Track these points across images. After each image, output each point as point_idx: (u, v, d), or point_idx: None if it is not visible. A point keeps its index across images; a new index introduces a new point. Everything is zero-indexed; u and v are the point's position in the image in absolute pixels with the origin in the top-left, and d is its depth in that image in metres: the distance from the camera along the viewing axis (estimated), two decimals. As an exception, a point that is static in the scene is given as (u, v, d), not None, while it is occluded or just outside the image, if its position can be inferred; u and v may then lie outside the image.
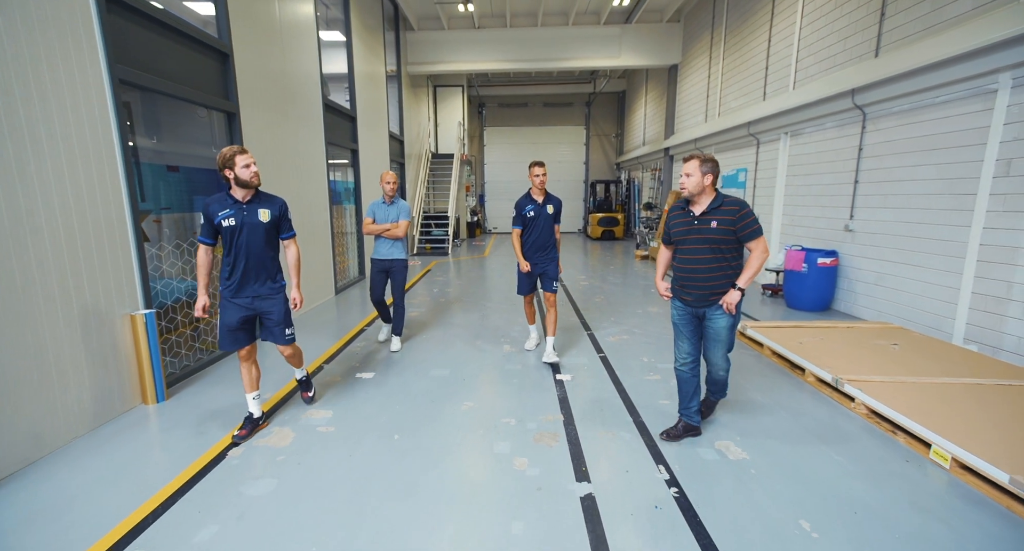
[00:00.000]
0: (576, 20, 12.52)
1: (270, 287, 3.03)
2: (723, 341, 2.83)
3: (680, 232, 2.85)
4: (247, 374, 3.11)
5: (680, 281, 2.90)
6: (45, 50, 2.89)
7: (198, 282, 2.97)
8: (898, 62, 5.07)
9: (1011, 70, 4.06)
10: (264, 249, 2.97)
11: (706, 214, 2.74)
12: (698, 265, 2.78)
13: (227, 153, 2.81)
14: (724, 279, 2.77)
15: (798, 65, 7.34)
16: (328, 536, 2.21)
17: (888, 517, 2.31)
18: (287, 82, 5.96)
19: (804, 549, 2.11)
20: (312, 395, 3.58)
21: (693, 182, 2.71)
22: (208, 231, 2.90)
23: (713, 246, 2.74)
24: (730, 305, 2.72)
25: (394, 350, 4.74)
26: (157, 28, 3.87)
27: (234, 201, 2.89)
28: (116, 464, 2.80)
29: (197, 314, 2.91)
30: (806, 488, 2.54)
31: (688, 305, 2.89)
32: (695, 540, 2.17)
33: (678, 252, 2.90)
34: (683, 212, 2.85)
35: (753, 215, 2.71)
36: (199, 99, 4.32)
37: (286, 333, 3.13)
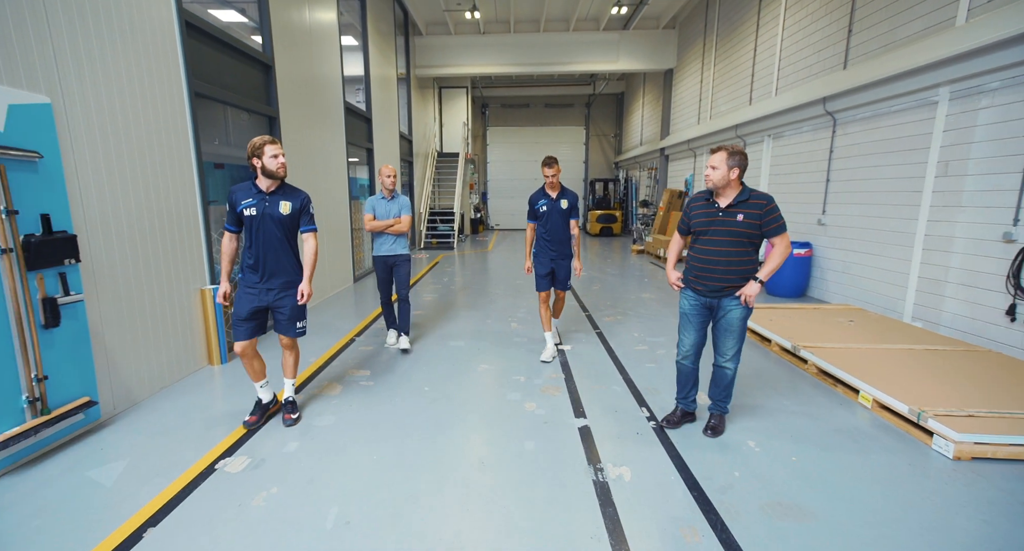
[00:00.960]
0: (577, 26, 13.17)
1: (285, 281, 2.99)
2: (735, 332, 2.83)
3: (702, 222, 2.81)
4: (250, 368, 3.09)
5: (696, 271, 2.87)
6: (146, 71, 3.55)
7: (221, 268, 2.99)
8: (862, 74, 5.74)
9: (949, 85, 4.73)
10: (282, 241, 2.94)
11: (732, 207, 2.70)
12: (718, 257, 2.76)
13: (257, 142, 2.80)
14: (742, 272, 2.76)
15: (780, 73, 8.01)
16: (383, 449, 2.89)
17: (818, 439, 2.99)
18: (315, 86, 6.62)
19: (749, 458, 2.78)
20: (296, 417, 3.17)
21: (719, 175, 2.66)
22: (232, 219, 2.92)
23: (736, 239, 2.71)
24: (749, 297, 2.72)
25: (404, 348, 4.63)
26: (219, 46, 4.54)
27: (258, 191, 2.88)
28: (211, 403, 3.48)
29: (219, 301, 2.99)
30: (757, 421, 3.22)
31: (701, 295, 2.88)
32: (664, 451, 2.85)
33: (696, 242, 2.88)
34: (707, 203, 2.80)
35: (779, 210, 2.69)
36: (248, 106, 4.98)
37: (297, 326, 3.09)
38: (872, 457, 2.80)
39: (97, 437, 3.02)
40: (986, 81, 4.38)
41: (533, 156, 20.00)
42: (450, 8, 11.87)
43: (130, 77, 3.41)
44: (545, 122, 20.22)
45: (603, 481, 2.57)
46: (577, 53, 13.25)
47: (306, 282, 3.03)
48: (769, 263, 2.70)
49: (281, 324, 3.07)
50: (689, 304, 2.94)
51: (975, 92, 4.51)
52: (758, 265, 2.77)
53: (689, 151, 11.95)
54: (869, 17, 5.92)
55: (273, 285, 2.97)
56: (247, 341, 2.99)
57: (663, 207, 12.29)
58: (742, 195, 2.69)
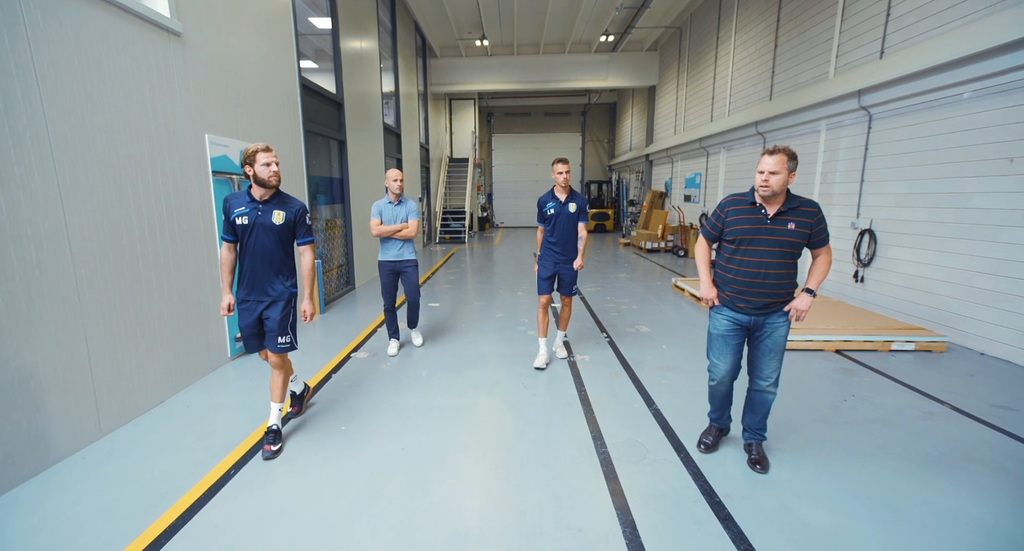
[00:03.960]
0: (571, 49, 15.15)
1: (276, 291, 2.85)
2: (780, 351, 2.56)
3: (746, 231, 2.48)
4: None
5: (737, 287, 2.54)
6: (284, 118, 5.55)
7: (222, 280, 2.86)
8: (779, 106, 7.71)
9: (826, 119, 6.70)
10: (274, 252, 2.79)
11: (782, 214, 2.42)
12: (767, 270, 2.46)
13: (251, 149, 2.69)
14: (788, 286, 2.51)
15: (731, 98, 9.99)
16: (442, 371, 4.87)
17: (698, 336, 4.96)
18: (365, 113, 8.58)
19: (648, 347, 4.75)
20: (277, 450, 2.86)
21: (779, 181, 2.34)
22: (227, 228, 2.81)
23: (785, 250, 2.44)
24: (803, 312, 2.47)
25: (417, 344, 4.81)
26: (317, 96, 6.54)
27: (251, 199, 2.76)
28: (320, 342, 5.47)
29: (222, 313, 2.86)
30: (688, 351, 5.19)
31: (741, 313, 2.57)
32: (635, 389, 4.80)
33: (738, 254, 2.53)
34: (751, 208, 2.48)
35: (826, 221, 2.48)
36: (330, 134, 6.97)
37: (279, 341, 2.85)
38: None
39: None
40: (842, 120, 6.36)
41: (534, 160, 22.01)
42: (462, 37, 13.88)
43: (281, 124, 5.41)
44: (545, 129, 22.22)
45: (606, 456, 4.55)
46: (572, 72, 15.24)
47: (307, 300, 2.90)
48: (816, 274, 2.49)
49: (266, 337, 2.89)
50: (728, 326, 2.61)
51: (837, 126, 6.49)
52: (796, 279, 2.57)
53: (668, 157, 13.91)
54: (782, 64, 7.91)
55: (261, 296, 2.84)
56: (260, 352, 3.02)
57: (646, 206, 14.29)
58: (791, 202, 2.42)
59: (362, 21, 8.37)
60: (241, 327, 2.89)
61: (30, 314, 2.62)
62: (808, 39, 7.24)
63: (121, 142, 3.22)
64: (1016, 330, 4.20)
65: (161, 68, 3.56)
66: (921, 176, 5.15)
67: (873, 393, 3.71)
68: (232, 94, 4.49)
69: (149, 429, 3.20)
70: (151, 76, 3.47)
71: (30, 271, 2.63)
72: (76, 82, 2.89)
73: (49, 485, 2.59)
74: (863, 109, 5.89)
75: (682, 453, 2.87)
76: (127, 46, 3.26)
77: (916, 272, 5.22)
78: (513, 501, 2.45)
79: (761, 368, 2.63)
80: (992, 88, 4.38)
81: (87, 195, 2.97)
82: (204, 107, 4.06)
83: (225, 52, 4.38)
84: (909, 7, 5.32)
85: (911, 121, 5.30)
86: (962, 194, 4.68)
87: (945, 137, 4.87)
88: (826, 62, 6.74)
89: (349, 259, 7.83)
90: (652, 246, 12.38)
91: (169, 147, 3.65)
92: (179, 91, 3.76)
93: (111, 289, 3.15)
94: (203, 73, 4.04)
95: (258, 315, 2.87)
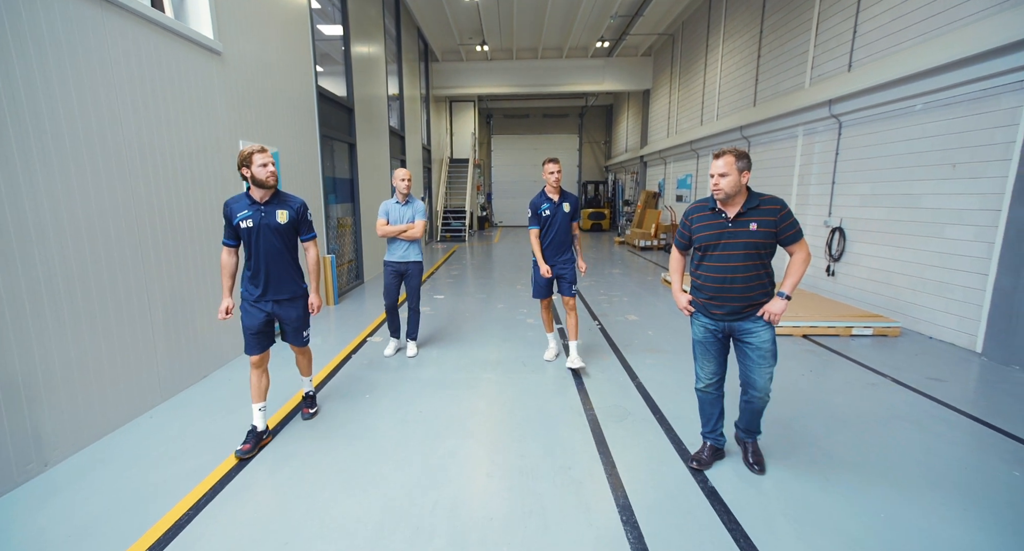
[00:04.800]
0: (569, 54, 15.67)
1: (291, 291, 2.94)
2: (768, 357, 2.48)
3: (708, 236, 2.47)
4: (257, 382, 2.96)
5: (709, 293, 2.52)
6: (303, 125, 6.05)
7: (222, 284, 2.86)
8: (761, 112, 8.25)
9: (803, 126, 7.24)
10: (282, 251, 2.86)
11: (742, 216, 2.39)
12: (733, 274, 2.43)
13: (246, 151, 2.69)
14: (761, 288, 2.46)
15: (719, 103, 10.52)
16: (452, 351, 5.39)
17: (688, 334, 5.49)
18: (371, 113, 9.08)
19: (635, 333, 5.28)
20: (314, 412, 3.34)
21: (729, 182, 2.33)
22: (229, 233, 2.83)
23: (751, 252, 2.40)
24: (775, 315, 2.42)
25: (411, 355, 4.62)
26: (330, 103, 7.04)
27: (252, 202, 2.78)
28: (336, 329, 5.98)
29: (220, 317, 2.85)
30: (671, 336, 5.72)
31: (717, 320, 2.54)
32: (621, 367, 5.31)
33: (705, 260, 2.52)
34: (712, 213, 2.48)
35: (794, 215, 2.42)
36: (342, 138, 7.48)
37: (303, 335, 3.08)
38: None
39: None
40: (816, 126, 6.90)
41: (532, 161, 22.54)
42: (463, 42, 14.39)
43: (300, 129, 5.92)
44: (543, 130, 22.75)
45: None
46: (569, 76, 15.76)
47: (314, 293, 3.01)
48: (791, 275, 2.41)
49: (289, 334, 3.05)
50: (704, 332, 2.60)
51: (812, 132, 7.03)
52: (774, 279, 2.51)
53: (661, 159, 14.45)
54: (765, 73, 8.45)
55: (276, 296, 2.90)
56: (260, 354, 2.94)
57: (640, 206, 14.83)
58: (751, 201, 2.39)
59: (369, 29, 8.87)
60: (245, 327, 2.90)
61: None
62: (787, 51, 7.78)
63: (179, 149, 3.73)
64: (958, 316, 4.74)
65: (206, 83, 4.07)
66: (881, 179, 5.69)
67: (828, 369, 4.25)
68: (261, 103, 5.00)
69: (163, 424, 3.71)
70: (198, 89, 3.98)
71: (99, 269, 3.14)
72: (149, 98, 3.40)
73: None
74: (834, 117, 6.43)
75: (658, 415, 3.40)
76: (180, 64, 3.77)
77: (877, 266, 5.76)
78: (515, 448, 2.98)
79: (754, 381, 2.52)
80: (939, 101, 4.92)
81: (152, 198, 3.48)
82: (238, 115, 4.57)
83: (255, 67, 4.89)
84: (871, 26, 5.86)
85: (874, 129, 5.84)
86: (914, 195, 5.22)
87: (901, 144, 5.41)
88: (803, 73, 7.28)
89: (358, 254, 8.33)
90: (645, 244, 12.91)
91: (213, 152, 4.16)
92: (219, 102, 4.27)
93: (165, 281, 3.66)
94: (238, 86, 4.55)
95: (267, 315, 2.91)
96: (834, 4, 6.58)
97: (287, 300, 2.95)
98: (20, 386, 2.55)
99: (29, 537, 2.21)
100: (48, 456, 2.73)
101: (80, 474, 2.70)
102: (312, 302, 3.02)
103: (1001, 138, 4.28)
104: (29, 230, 2.60)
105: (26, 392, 2.59)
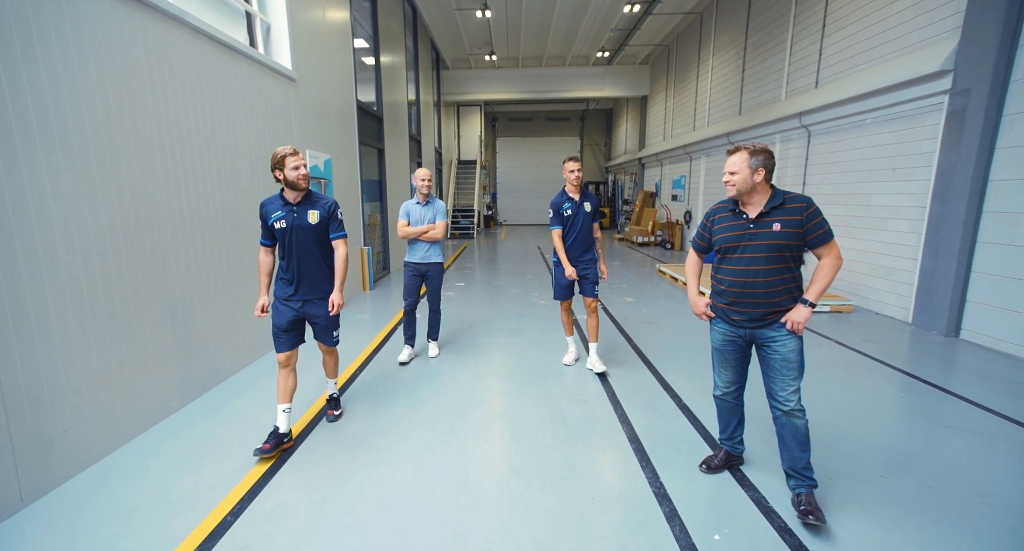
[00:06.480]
0: (571, 62, 16.67)
1: (322, 291, 2.98)
2: (794, 367, 2.28)
3: (729, 238, 2.33)
4: (284, 382, 2.97)
5: (728, 298, 2.38)
6: (344, 134, 7.04)
7: (261, 282, 2.94)
8: (746, 120, 9.24)
9: (779, 134, 8.24)
10: (315, 251, 2.92)
11: (765, 216, 2.23)
12: (755, 278, 2.27)
13: (278, 154, 2.74)
14: (786, 294, 2.27)
15: (710, 110, 11.52)
16: (480, 324, 6.38)
17: (676, 311, 6.49)
18: (395, 120, 10.07)
19: (631, 311, 6.27)
20: (338, 414, 3.33)
21: (740, 179, 2.22)
22: (265, 233, 2.90)
23: (774, 254, 2.22)
24: (798, 324, 2.23)
25: (432, 356, 4.60)
26: (366, 114, 8.04)
27: (285, 203, 2.85)
28: (370, 313, 6.98)
29: (256, 314, 2.89)
30: (663, 313, 6.71)
31: (737, 327, 2.39)
32: (620, 334, 6.31)
33: (724, 263, 2.38)
34: (732, 214, 2.34)
35: (822, 214, 2.24)
36: (372, 144, 8.47)
37: (333, 335, 3.12)
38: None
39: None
40: (791, 134, 7.90)
41: (536, 162, 23.54)
42: (473, 52, 15.39)
43: (344, 139, 6.92)
44: (546, 133, 23.75)
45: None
46: (572, 83, 16.76)
47: (337, 291, 2.99)
48: (818, 281, 2.22)
49: (319, 334, 3.10)
50: (723, 339, 2.47)
51: (787, 139, 8.03)
52: (802, 283, 2.33)
53: (658, 161, 15.45)
54: (749, 85, 9.45)
55: (309, 295, 2.95)
56: (289, 352, 2.96)
57: (638, 205, 15.83)
58: (774, 200, 2.24)
59: (392, 44, 9.86)
60: (275, 324, 2.93)
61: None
62: (767, 66, 8.77)
63: (262, 160, 4.72)
64: (897, 294, 5.74)
65: (285, 104, 5.07)
66: (841, 181, 6.68)
67: (787, 335, 5.24)
68: (319, 118, 5.99)
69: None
70: (280, 110, 4.97)
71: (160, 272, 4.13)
72: (251, 118, 4.40)
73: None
74: (804, 127, 7.42)
75: (649, 366, 4.38)
76: (273, 90, 4.76)
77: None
78: (517, 381, 3.98)
79: (776, 390, 2.31)
80: (884, 116, 5.91)
81: (242, 208, 4.46)
82: (304, 130, 5.56)
83: (315, 87, 5.88)
84: (833, 50, 6.86)
85: (836, 138, 6.83)
86: (865, 195, 6.21)
87: (855, 151, 6.40)
88: (780, 87, 8.28)
89: (385, 248, 9.33)
90: (643, 240, 13.91)
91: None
92: (294, 120, 5.26)
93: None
94: (305, 105, 5.55)
95: (297, 312, 2.93)
96: (805, 29, 7.58)
97: (318, 299, 2.97)
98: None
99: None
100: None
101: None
102: (333, 299, 2.97)
103: (927, 149, 5.28)
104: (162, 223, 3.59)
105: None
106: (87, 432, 2.72)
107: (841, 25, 6.70)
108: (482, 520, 2.30)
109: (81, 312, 2.68)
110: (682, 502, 2.41)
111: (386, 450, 2.95)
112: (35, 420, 2.42)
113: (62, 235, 2.56)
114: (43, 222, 2.46)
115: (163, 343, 3.31)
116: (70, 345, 2.61)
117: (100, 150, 2.79)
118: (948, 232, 4.93)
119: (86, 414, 2.71)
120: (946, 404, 3.53)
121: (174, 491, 2.52)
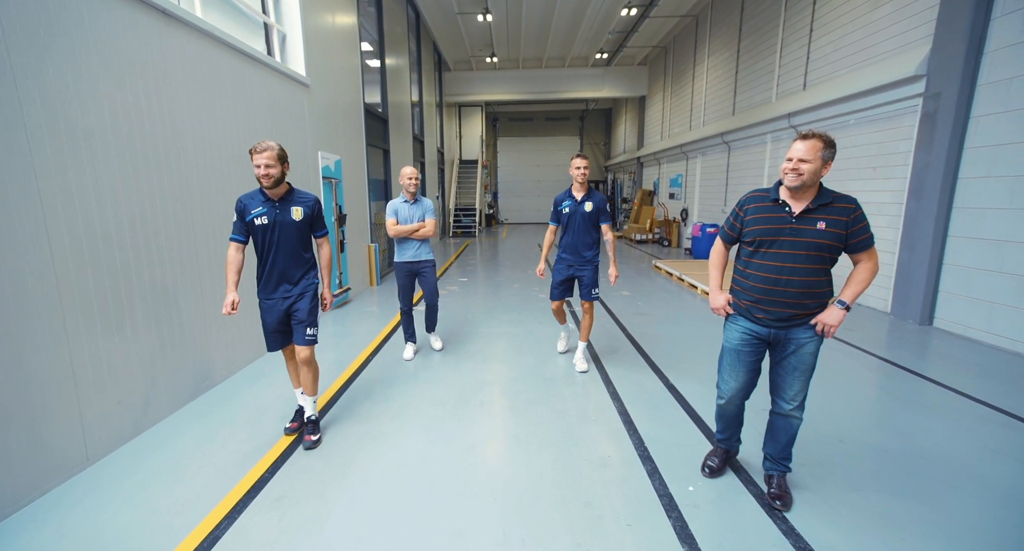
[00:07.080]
0: (571, 63, 16.99)
1: (302, 285, 2.95)
2: (808, 370, 2.23)
3: (765, 230, 2.17)
4: (294, 369, 3.08)
5: (755, 294, 2.23)
6: (352, 136, 7.38)
7: (227, 280, 2.83)
8: (739, 120, 9.56)
9: (771, 133, 8.55)
10: (297, 247, 2.89)
11: (810, 212, 2.09)
12: (789, 276, 2.13)
13: (250, 150, 2.69)
14: (816, 297, 2.16)
15: (705, 111, 11.83)
16: (483, 315, 6.72)
17: (669, 304, 6.82)
18: (399, 122, 10.40)
19: (627, 304, 6.60)
20: (316, 439, 3.00)
21: (812, 170, 2.03)
22: (240, 229, 2.83)
23: (813, 253, 2.09)
24: (832, 328, 2.13)
25: (437, 348, 4.72)
26: (372, 116, 8.37)
27: (266, 198, 2.79)
28: (378, 306, 7.32)
29: (225, 312, 2.76)
30: (656, 305, 7.04)
31: (760, 325, 2.26)
32: (615, 324, 6.65)
33: (756, 257, 2.22)
34: (774, 205, 2.17)
35: (867, 219, 2.10)
36: (378, 145, 8.80)
37: (307, 333, 2.95)
38: (701, 309, 6.63)
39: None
40: (780, 134, 8.22)
41: (536, 161, 23.85)
42: (474, 54, 15.71)
43: (353, 141, 7.25)
44: (546, 133, 24.06)
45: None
46: (571, 83, 17.07)
47: (326, 288, 3.03)
48: (855, 284, 2.14)
49: (294, 329, 2.96)
50: (742, 337, 2.33)
51: (777, 139, 8.35)
52: (832, 288, 2.22)
53: (655, 160, 15.76)
54: (742, 87, 9.77)
55: (287, 293, 2.92)
56: (281, 350, 3.06)
57: (636, 203, 16.15)
58: (823, 197, 2.10)
59: (397, 47, 10.19)
60: (265, 325, 2.97)
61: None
62: (759, 68, 9.09)
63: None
64: (878, 286, 6.06)
65: (299, 108, 5.40)
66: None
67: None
68: (330, 121, 6.33)
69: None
70: (296, 114, 5.31)
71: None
72: (270, 122, 4.73)
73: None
74: (792, 127, 7.74)
75: (641, 352, 4.71)
76: (289, 96, 5.10)
77: (825, 250, 7.08)
78: (517, 364, 4.31)
79: (784, 389, 2.28)
80: (866, 118, 6.23)
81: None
82: (317, 133, 5.90)
83: (327, 92, 6.22)
84: (819, 54, 7.18)
85: (822, 138, 7.14)
86: (849, 192, 6.51)
87: (840, 151, 6.70)
88: (770, 88, 8.59)
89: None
90: (641, 237, 14.23)
91: (302, 162, 5.49)
92: (308, 123, 5.60)
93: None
94: (318, 109, 5.88)
95: (284, 311, 2.92)
96: (794, 33, 7.90)
97: (298, 295, 2.94)
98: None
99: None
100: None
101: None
102: (323, 295, 3.05)
103: (903, 148, 5.60)
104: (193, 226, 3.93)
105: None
106: (134, 408, 3.07)
107: (827, 30, 7.02)
108: (488, 476, 2.65)
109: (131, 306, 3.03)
110: (663, 461, 2.76)
111: (402, 422, 3.29)
112: (113, 391, 2.78)
113: (124, 228, 2.91)
114: (112, 216, 2.82)
115: (207, 328, 3.67)
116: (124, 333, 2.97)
117: (145, 150, 3.15)
118: (922, 227, 5.25)
119: (133, 391, 3.07)
120: (919, 386, 3.87)
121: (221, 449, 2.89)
